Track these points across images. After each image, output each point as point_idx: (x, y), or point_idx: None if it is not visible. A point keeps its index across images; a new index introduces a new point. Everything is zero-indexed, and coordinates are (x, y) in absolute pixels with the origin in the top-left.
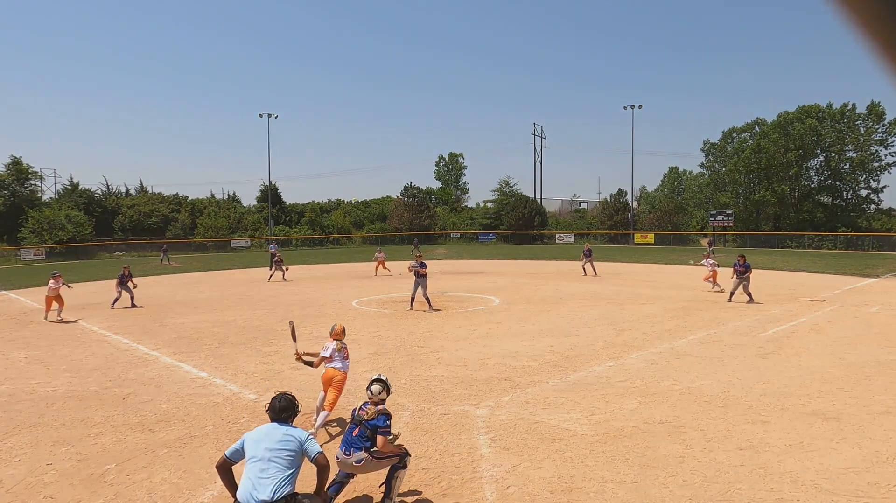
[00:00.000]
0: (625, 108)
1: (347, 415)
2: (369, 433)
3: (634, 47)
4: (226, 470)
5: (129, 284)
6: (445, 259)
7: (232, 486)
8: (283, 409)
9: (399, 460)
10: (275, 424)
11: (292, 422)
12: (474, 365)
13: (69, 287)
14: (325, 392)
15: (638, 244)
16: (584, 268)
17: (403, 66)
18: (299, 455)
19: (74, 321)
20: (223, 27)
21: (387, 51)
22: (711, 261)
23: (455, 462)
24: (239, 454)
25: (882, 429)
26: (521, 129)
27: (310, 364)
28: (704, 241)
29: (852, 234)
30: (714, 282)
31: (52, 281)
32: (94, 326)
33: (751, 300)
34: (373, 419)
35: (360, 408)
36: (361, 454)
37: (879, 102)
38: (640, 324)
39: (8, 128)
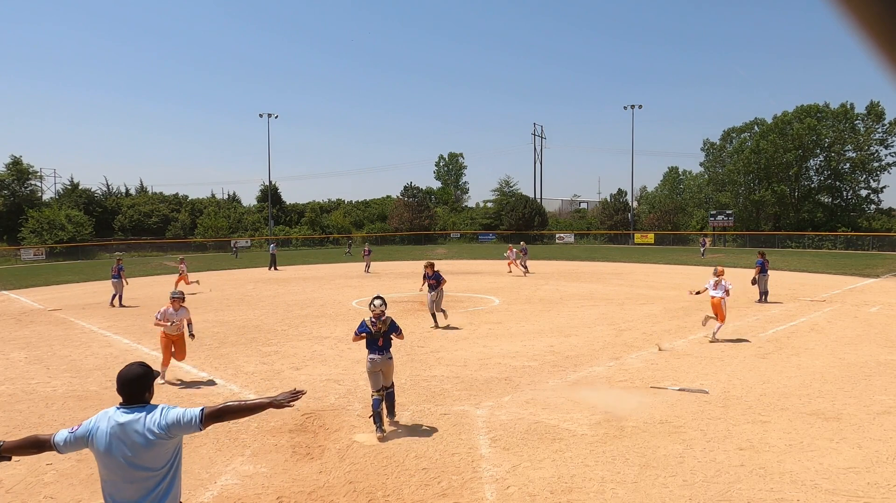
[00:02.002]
0: (625, 108)
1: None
2: (385, 339)
3: (634, 47)
4: (38, 448)
5: (123, 280)
6: (445, 259)
7: (22, 448)
8: (134, 381)
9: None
10: (122, 416)
11: (149, 396)
12: (474, 365)
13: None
14: (715, 311)
15: (638, 244)
16: (516, 266)
17: (403, 65)
18: (172, 443)
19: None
20: (223, 27)
21: (387, 51)
22: (514, 254)
23: (455, 462)
24: (72, 447)
25: (882, 429)
26: (521, 129)
27: (698, 293)
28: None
29: (852, 234)
30: (510, 267)
31: (169, 308)
32: (94, 326)
33: (763, 299)
34: (389, 328)
35: (372, 325)
36: (390, 352)
37: (879, 102)
38: (640, 324)
39: (8, 127)
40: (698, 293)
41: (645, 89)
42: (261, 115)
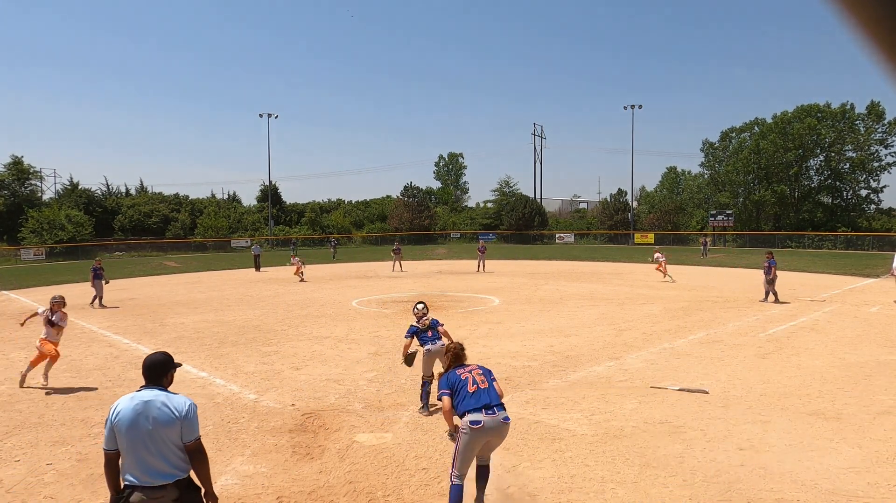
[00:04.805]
0: (625, 108)
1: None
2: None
3: (634, 47)
4: (112, 465)
5: (102, 281)
6: (445, 259)
7: (114, 482)
8: (157, 366)
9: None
10: (148, 395)
11: (169, 381)
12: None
13: None
14: None
15: (638, 244)
16: (478, 265)
17: (403, 65)
18: (179, 429)
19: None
20: (223, 26)
21: (387, 51)
22: (297, 260)
23: None
24: (110, 439)
25: (882, 429)
26: (521, 129)
27: None
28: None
29: (852, 233)
30: (298, 273)
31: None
32: (94, 326)
33: (766, 299)
34: (433, 323)
35: (420, 322)
36: (442, 341)
37: (879, 102)
38: (640, 324)
39: (8, 128)
40: None
41: (645, 89)
42: (261, 115)
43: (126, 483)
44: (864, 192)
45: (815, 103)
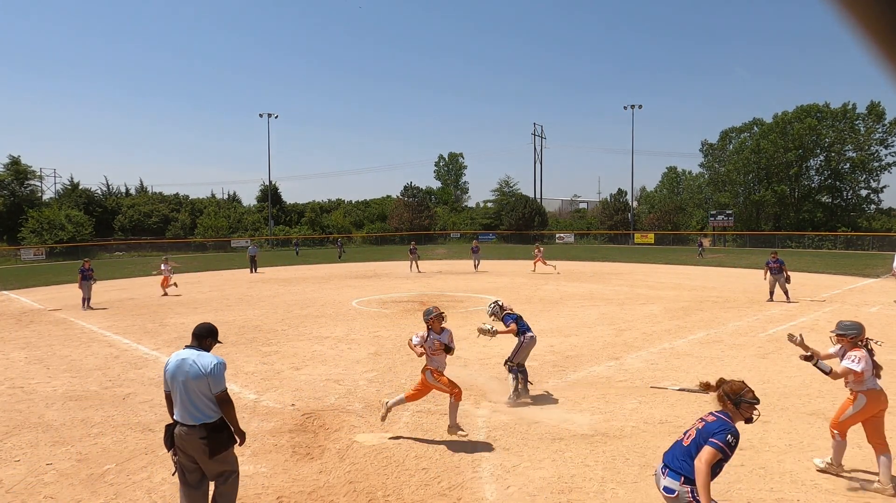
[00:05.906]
0: (625, 108)
1: None
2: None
3: (634, 47)
4: (168, 402)
5: (91, 282)
6: (445, 259)
7: (171, 412)
8: (201, 333)
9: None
10: (185, 354)
11: (210, 345)
12: (474, 365)
13: None
14: None
15: (638, 244)
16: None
17: (403, 65)
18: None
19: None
20: (223, 27)
21: (387, 51)
22: (167, 267)
23: (455, 462)
24: (167, 385)
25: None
26: (521, 129)
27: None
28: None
29: (852, 233)
30: (163, 289)
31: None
32: (94, 326)
33: (788, 299)
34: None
35: (500, 309)
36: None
37: (879, 102)
38: (640, 324)
39: (8, 128)
40: None
41: (645, 89)
42: (261, 115)
43: (174, 419)
44: (864, 192)
45: (815, 103)
